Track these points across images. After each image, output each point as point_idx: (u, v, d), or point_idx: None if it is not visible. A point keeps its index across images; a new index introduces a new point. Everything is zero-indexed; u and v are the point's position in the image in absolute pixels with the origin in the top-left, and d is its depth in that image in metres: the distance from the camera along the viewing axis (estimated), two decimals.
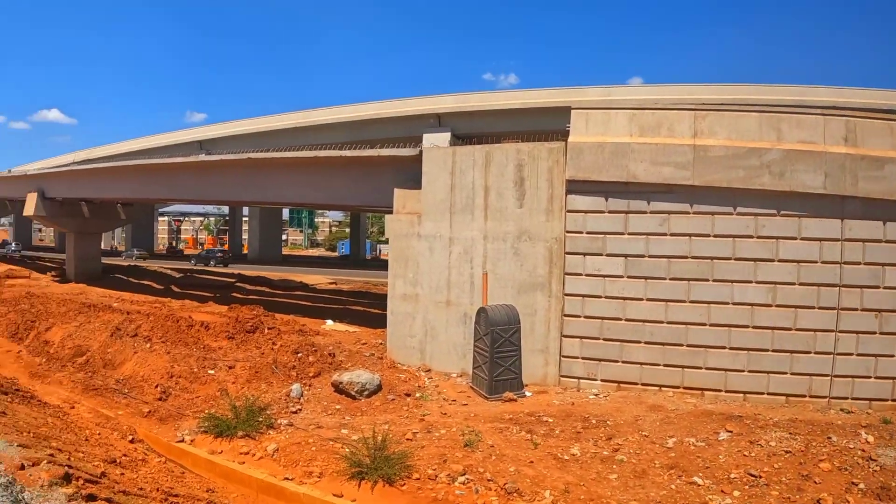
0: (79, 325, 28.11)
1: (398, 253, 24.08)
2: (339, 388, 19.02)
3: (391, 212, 24.72)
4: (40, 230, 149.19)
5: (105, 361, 23.59)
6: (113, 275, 58.84)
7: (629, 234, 20.50)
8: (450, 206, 22.81)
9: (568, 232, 21.11)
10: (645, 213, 20.35)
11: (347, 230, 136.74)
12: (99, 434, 16.18)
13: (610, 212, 20.71)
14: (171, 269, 64.55)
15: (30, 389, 20.14)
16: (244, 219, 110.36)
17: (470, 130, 51.79)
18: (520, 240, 21.70)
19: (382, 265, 78.44)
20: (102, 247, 65.75)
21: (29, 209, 55.64)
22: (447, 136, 49.94)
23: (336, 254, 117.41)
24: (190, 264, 71.90)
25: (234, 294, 45.85)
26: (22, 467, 9.30)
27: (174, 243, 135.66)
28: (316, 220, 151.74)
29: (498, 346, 19.37)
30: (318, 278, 55.68)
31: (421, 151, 24.05)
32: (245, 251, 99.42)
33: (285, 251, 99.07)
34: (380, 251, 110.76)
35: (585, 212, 20.92)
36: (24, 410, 15.42)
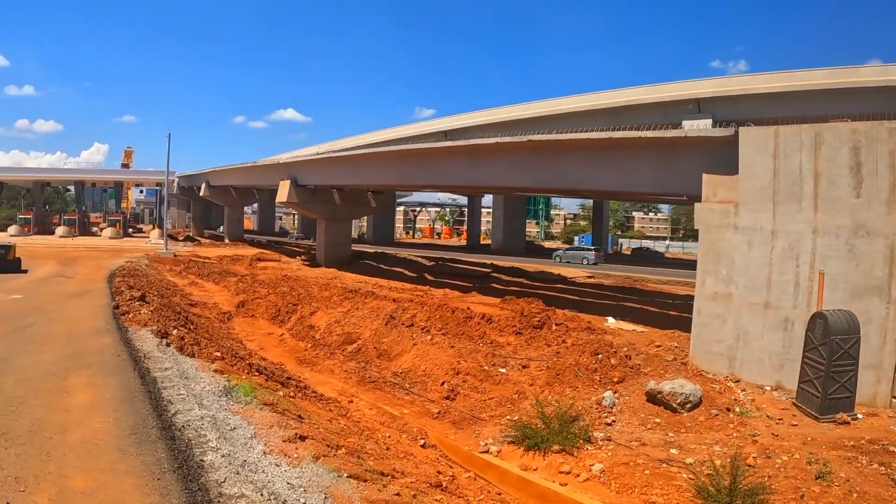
0: (346, 311, 28.35)
1: (708, 247, 22.04)
2: (655, 399, 17.41)
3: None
4: (280, 218, 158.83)
5: (379, 351, 23.38)
6: (362, 260, 60.88)
7: None
8: (772, 194, 20.44)
9: None
10: None
11: (582, 223, 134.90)
12: (388, 437, 15.60)
13: None
14: (421, 256, 66.01)
15: (301, 378, 20.15)
16: (483, 209, 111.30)
17: (731, 116, 48.16)
18: (855, 235, 19.06)
19: (628, 260, 76.62)
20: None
21: (282, 196, 58.41)
22: (708, 122, 47.08)
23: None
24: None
25: (493, 285, 45.46)
26: None
27: (410, 233, 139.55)
28: (550, 212, 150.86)
29: (836, 359, 17.00)
30: (573, 271, 54.16)
31: (737, 132, 21.84)
32: (482, 241, 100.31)
33: None
34: (621, 246, 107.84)
35: None
36: (312, 409, 15.03)
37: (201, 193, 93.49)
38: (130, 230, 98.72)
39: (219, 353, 17.30)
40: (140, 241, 79.99)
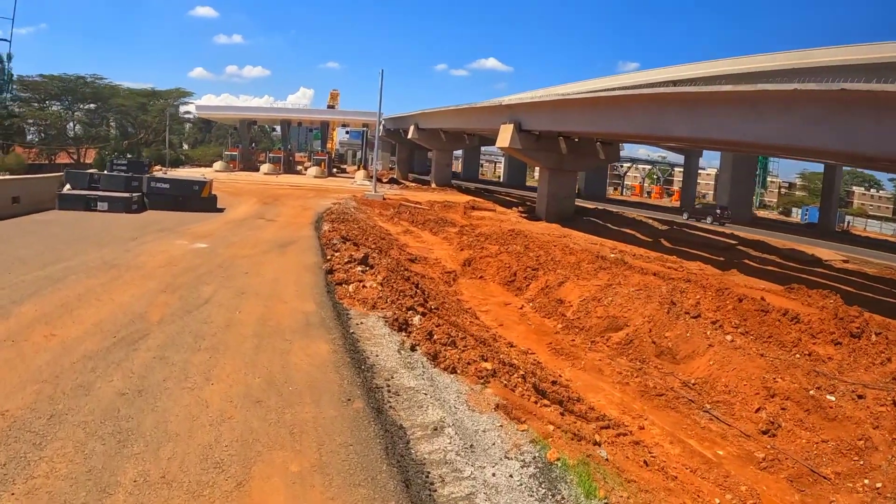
0: (603, 285, 23.31)
1: None
2: None
3: None
4: (482, 165, 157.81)
5: (660, 348, 18.16)
6: (584, 217, 56.46)
7: None
8: None
9: None
10: None
11: (797, 194, 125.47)
12: None
13: None
14: (652, 218, 60.48)
15: (562, 378, 15.27)
16: (700, 171, 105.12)
17: None
18: None
19: (859, 241, 66.50)
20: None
21: (503, 141, 55.10)
22: None
23: (792, 219, 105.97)
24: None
25: (746, 261, 39.05)
26: None
27: (618, 189, 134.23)
28: (767, 179, 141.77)
29: None
30: (826, 252, 46.77)
31: None
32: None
33: None
34: (848, 223, 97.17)
35: None
36: (643, 479, 9.69)
37: (409, 136, 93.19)
38: (335, 170, 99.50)
39: (489, 365, 11.93)
40: (345, 182, 79.53)
